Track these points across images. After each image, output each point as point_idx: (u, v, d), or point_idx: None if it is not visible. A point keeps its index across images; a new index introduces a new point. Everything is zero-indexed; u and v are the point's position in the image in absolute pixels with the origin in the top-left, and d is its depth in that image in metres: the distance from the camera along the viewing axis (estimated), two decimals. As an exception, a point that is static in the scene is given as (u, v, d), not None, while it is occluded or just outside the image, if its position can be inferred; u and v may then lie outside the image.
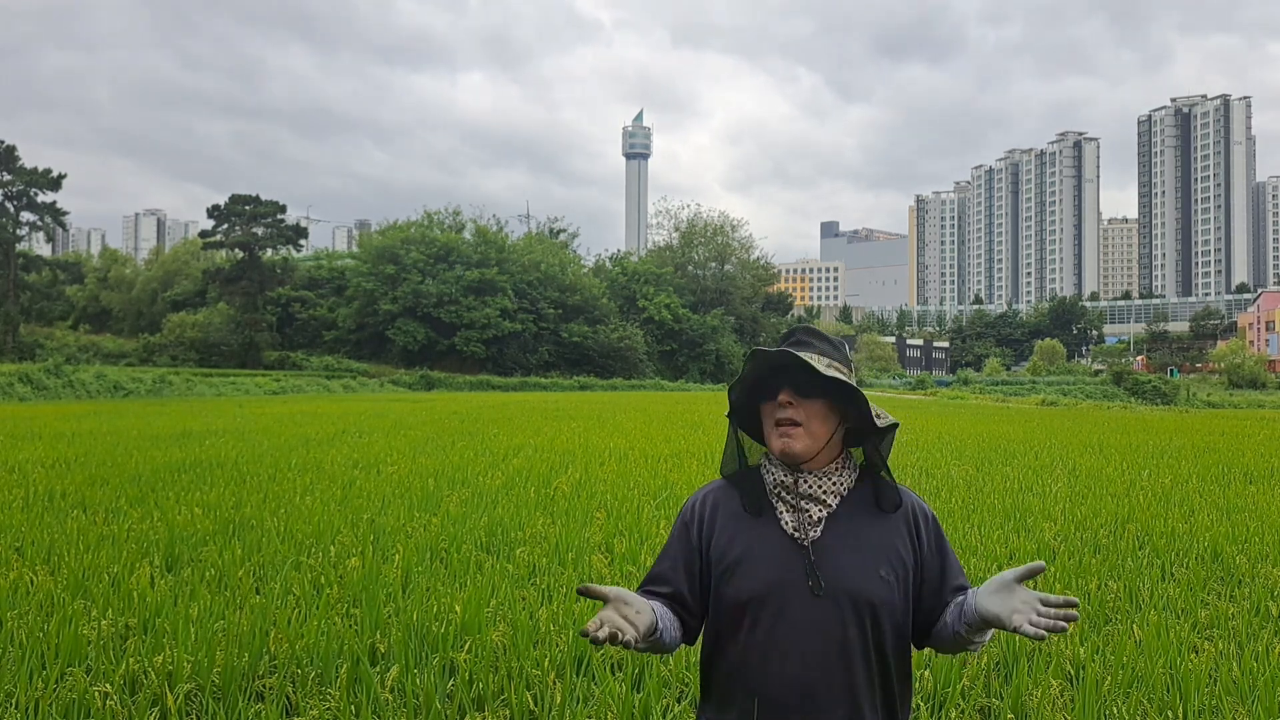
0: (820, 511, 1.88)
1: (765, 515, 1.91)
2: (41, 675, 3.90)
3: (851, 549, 1.86)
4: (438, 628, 4.54)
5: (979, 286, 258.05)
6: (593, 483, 10.22)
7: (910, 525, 1.91)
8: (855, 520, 1.89)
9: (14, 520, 7.53)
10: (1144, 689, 3.96)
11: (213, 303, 69.95)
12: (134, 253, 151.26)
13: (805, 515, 1.87)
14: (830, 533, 1.87)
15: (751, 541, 1.89)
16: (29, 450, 13.54)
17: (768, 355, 1.87)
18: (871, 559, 1.86)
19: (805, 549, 1.85)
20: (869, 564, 1.85)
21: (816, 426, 1.87)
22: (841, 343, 1.97)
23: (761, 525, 1.90)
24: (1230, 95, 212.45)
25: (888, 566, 1.86)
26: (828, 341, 1.92)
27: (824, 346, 1.91)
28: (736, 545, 1.90)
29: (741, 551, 1.88)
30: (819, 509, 1.88)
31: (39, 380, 37.26)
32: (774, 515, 1.90)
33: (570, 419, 23.34)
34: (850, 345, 74.22)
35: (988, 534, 7.34)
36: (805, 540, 1.86)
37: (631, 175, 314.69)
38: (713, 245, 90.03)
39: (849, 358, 1.96)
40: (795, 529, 1.87)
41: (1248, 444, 17.14)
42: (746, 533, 1.90)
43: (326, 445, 14.93)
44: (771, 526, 1.89)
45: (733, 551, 1.89)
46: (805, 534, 1.86)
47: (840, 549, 1.85)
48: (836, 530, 1.87)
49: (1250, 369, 65.38)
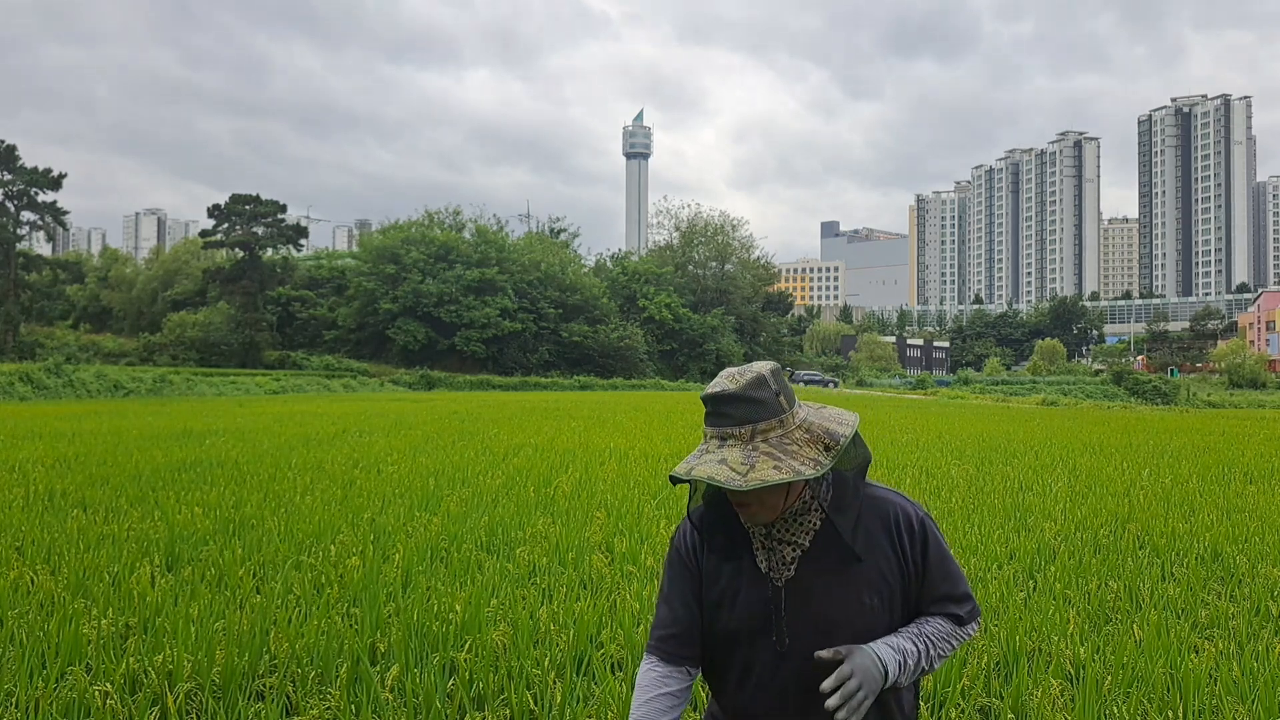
0: (793, 552, 1.84)
1: (745, 553, 1.88)
2: (42, 674, 3.90)
3: (828, 584, 1.82)
4: (438, 627, 4.53)
5: (979, 286, 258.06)
6: (593, 482, 10.22)
7: (893, 538, 1.85)
8: (834, 550, 1.84)
9: (14, 519, 7.53)
10: (1144, 689, 3.96)
11: (213, 302, 69.94)
12: (134, 252, 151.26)
13: (778, 556, 1.85)
14: (806, 569, 1.84)
15: (732, 577, 1.88)
16: (29, 450, 13.54)
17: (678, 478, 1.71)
18: (852, 588, 1.82)
19: (779, 590, 1.83)
20: (848, 595, 1.81)
21: (771, 500, 1.78)
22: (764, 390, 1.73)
23: (739, 564, 1.89)
24: (1231, 95, 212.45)
25: (870, 590, 1.82)
26: (746, 402, 1.71)
27: (743, 412, 1.71)
28: (720, 580, 1.90)
29: (724, 586, 1.88)
30: (791, 550, 1.85)
31: (39, 380, 37.27)
32: (751, 553, 1.88)
33: (570, 418, 23.34)
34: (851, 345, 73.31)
35: (988, 534, 7.34)
36: (779, 581, 1.84)
37: (632, 175, 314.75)
38: (713, 245, 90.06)
39: (778, 401, 1.73)
40: (769, 569, 1.85)
41: (1248, 444, 17.14)
42: (729, 568, 1.89)
43: (327, 445, 14.93)
44: (748, 566, 1.88)
45: (717, 586, 1.89)
46: (780, 575, 1.84)
47: (817, 584, 1.82)
48: (814, 565, 1.84)
49: (1250, 369, 65.38)
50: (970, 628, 1.90)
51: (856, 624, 1.80)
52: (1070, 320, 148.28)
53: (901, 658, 1.78)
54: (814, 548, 1.84)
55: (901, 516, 1.87)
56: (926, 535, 1.87)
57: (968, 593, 1.91)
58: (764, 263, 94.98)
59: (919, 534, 1.86)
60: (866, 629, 1.80)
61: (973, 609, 1.90)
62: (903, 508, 1.88)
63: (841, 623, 1.80)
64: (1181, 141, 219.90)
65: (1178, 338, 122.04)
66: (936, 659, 1.84)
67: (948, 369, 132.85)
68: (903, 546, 1.85)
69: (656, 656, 1.91)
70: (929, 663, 1.82)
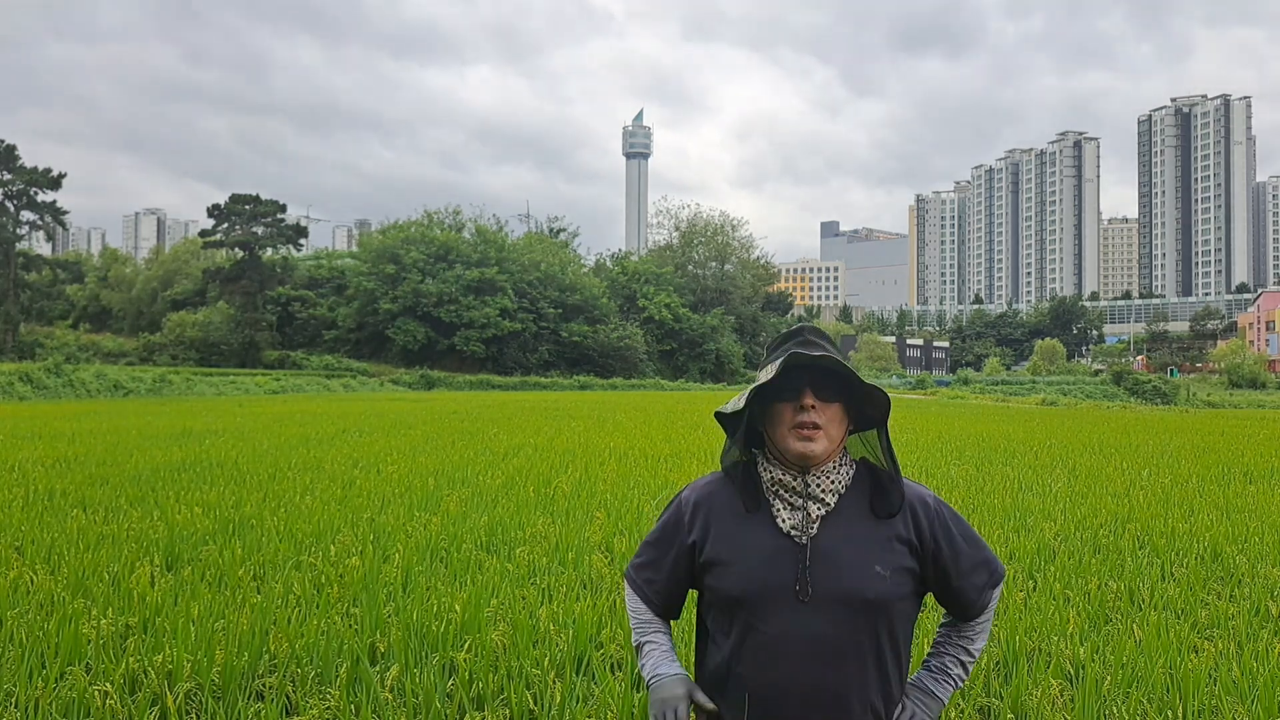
0: (819, 510, 1.88)
1: (759, 513, 1.91)
2: (41, 674, 3.90)
3: (847, 547, 1.86)
4: (438, 627, 4.53)
5: (979, 286, 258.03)
6: (593, 482, 10.22)
7: (909, 516, 1.91)
8: (852, 517, 1.89)
9: (14, 519, 7.53)
10: (1144, 689, 3.96)
11: (213, 302, 69.96)
12: (134, 252, 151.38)
13: (805, 514, 1.88)
14: (827, 531, 1.87)
15: (744, 540, 1.90)
16: (29, 449, 13.54)
17: (802, 357, 1.85)
18: (867, 555, 1.86)
19: (803, 548, 1.85)
20: (864, 561, 1.85)
21: (834, 430, 1.88)
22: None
23: (754, 523, 1.90)
24: (1231, 95, 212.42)
25: (883, 561, 1.86)
26: (832, 342, 1.94)
27: (832, 348, 1.92)
28: (728, 542, 1.91)
29: (734, 548, 1.90)
30: (818, 507, 1.88)
31: (39, 379, 37.27)
32: (769, 513, 1.90)
33: (570, 418, 23.34)
34: (851, 345, 74.15)
35: (988, 534, 7.34)
36: (803, 539, 1.86)
37: (632, 175, 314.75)
38: (713, 245, 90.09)
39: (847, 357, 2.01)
40: (794, 527, 1.87)
41: (1248, 444, 17.14)
42: (739, 530, 1.91)
43: (326, 445, 14.93)
44: (764, 525, 1.90)
45: (724, 548, 1.91)
46: (804, 532, 1.87)
47: (836, 547, 1.86)
48: (833, 528, 1.87)
49: (1250, 369, 65.43)
50: (999, 589, 2.02)
51: (872, 592, 1.85)
52: (1070, 320, 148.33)
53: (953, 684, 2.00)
54: (838, 509, 1.90)
55: (916, 496, 1.95)
56: (944, 515, 1.96)
57: (992, 556, 2.01)
58: (764, 263, 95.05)
59: (934, 512, 1.94)
60: (881, 597, 1.85)
61: (999, 570, 2.01)
62: (916, 491, 1.97)
63: (858, 589, 1.84)
64: (1181, 141, 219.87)
65: (1177, 338, 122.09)
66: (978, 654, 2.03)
67: (947, 369, 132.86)
68: (919, 526, 1.91)
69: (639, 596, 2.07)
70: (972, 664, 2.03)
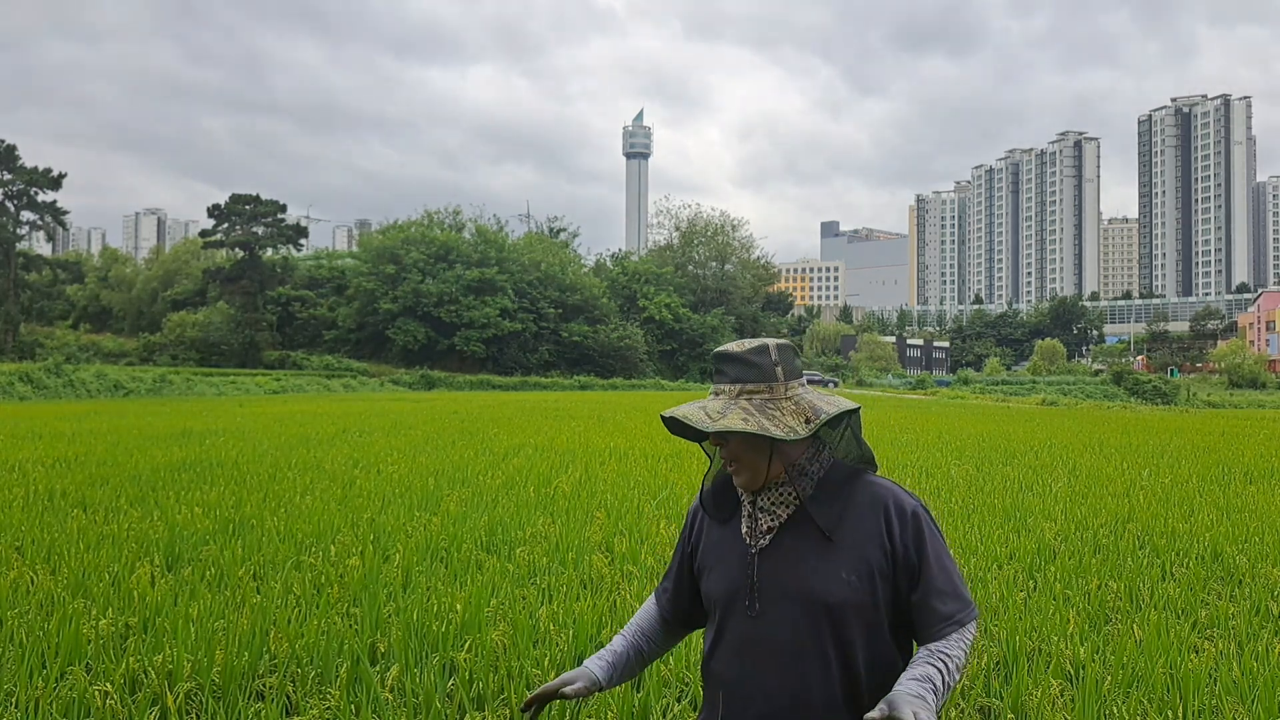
0: (770, 521, 1.91)
1: (735, 522, 1.99)
2: (41, 674, 3.90)
3: (808, 554, 1.86)
4: (438, 627, 4.54)
5: (979, 286, 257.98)
6: (593, 482, 10.22)
7: (882, 522, 1.87)
8: (816, 525, 1.87)
9: (14, 519, 7.53)
10: (1144, 689, 3.96)
11: (213, 302, 69.95)
12: (134, 252, 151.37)
13: (757, 525, 1.93)
14: (785, 540, 1.89)
15: (720, 545, 1.99)
16: (29, 449, 13.54)
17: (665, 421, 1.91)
18: (834, 561, 1.84)
19: (753, 557, 1.91)
20: (830, 567, 1.84)
21: (749, 459, 1.87)
22: (763, 357, 1.87)
23: (730, 531, 1.99)
24: (1231, 95, 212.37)
25: (849, 568, 1.83)
26: (740, 363, 1.86)
27: (736, 371, 1.86)
28: (712, 548, 2.01)
29: (714, 554, 2.00)
30: (768, 519, 1.92)
31: (39, 379, 37.29)
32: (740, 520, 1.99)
33: (570, 418, 23.34)
34: (851, 345, 73.23)
35: (988, 534, 7.34)
36: (754, 549, 1.91)
37: (632, 175, 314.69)
38: (713, 245, 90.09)
39: (773, 370, 1.86)
40: (747, 535, 1.94)
41: (1248, 444, 17.13)
42: (721, 537, 2.01)
43: (326, 445, 14.93)
44: (737, 531, 1.98)
45: (709, 553, 2.02)
46: (755, 543, 1.92)
47: (792, 555, 1.87)
48: (792, 536, 1.89)
49: (1250, 369, 65.45)
50: (970, 628, 1.88)
51: (834, 597, 1.82)
52: (1070, 320, 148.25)
53: (931, 684, 1.77)
54: (794, 521, 1.90)
55: (894, 503, 1.89)
56: (920, 526, 1.88)
57: (965, 593, 1.89)
58: (764, 263, 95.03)
59: (910, 522, 1.87)
60: (844, 602, 1.83)
61: (972, 609, 1.89)
62: (897, 496, 1.90)
63: (818, 594, 1.84)
64: (1181, 141, 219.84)
65: (1178, 338, 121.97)
66: (956, 670, 1.83)
67: (948, 369, 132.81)
68: (891, 531, 1.87)
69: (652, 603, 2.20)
70: (953, 677, 1.82)
